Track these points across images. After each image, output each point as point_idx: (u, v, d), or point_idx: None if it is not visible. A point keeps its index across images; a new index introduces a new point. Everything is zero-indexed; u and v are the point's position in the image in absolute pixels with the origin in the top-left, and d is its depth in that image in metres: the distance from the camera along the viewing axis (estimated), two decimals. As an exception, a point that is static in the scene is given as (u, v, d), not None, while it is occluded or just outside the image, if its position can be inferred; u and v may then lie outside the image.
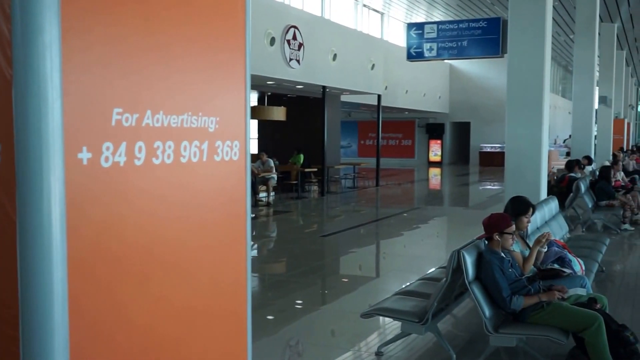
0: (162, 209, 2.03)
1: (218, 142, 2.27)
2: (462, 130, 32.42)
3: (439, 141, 32.39)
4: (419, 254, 9.71)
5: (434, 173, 27.82)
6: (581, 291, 4.35)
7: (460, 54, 10.92)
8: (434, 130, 32.36)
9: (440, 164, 32.00)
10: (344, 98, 20.73)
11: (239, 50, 2.37)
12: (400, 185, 22.23)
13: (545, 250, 5.11)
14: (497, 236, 4.50)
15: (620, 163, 15.67)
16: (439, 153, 32.38)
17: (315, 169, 17.50)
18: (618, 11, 21.25)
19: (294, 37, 14.63)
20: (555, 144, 31.54)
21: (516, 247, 4.96)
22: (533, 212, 5.35)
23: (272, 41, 13.85)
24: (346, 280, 8.16)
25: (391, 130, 32.58)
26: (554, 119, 36.16)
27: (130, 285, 1.92)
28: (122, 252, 1.88)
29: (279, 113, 16.86)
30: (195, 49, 2.14)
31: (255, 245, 10.69)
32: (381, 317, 5.38)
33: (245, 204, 2.47)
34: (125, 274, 1.89)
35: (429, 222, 13.34)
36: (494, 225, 4.52)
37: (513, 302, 4.29)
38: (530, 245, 5.17)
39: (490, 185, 21.73)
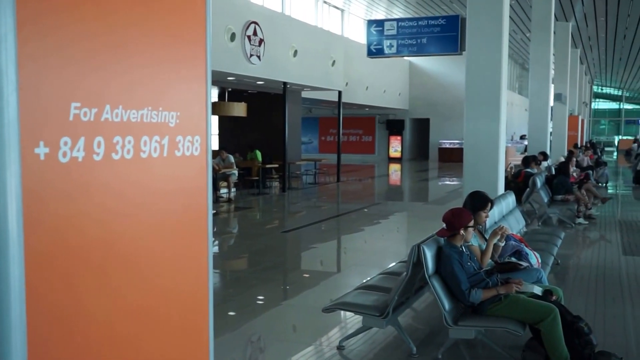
0: (121, 204, 2.00)
1: (179, 137, 2.25)
2: (422, 126, 32.77)
3: (399, 137, 32.66)
4: (380, 248, 9.80)
5: (394, 169, 28.06)
6: (537, 290, 4.44)
7: (419, 51, 11.01)
8: (394, 126, 32.62)
9: (400, 159, 32.29)
10: (305, 94, 20.75)
11: (199, 44, 2.36)
12: (361, 181, 22.36)
13: (503, 244, 5.21)
14: (462, 231, 4.58)
15: (575, 159, 16.08)
16: (399, 149, 32.67)
17: (276, 165, 17.48)
18: (572, 10, 21.74)
19: (255, 33, 14.57)
20: (512, 140, 32.13)
21: (474, 242, 5.05)
22: (491, 207, 5.44)
23: (233, 37, 13.77)
24: (307, 275, 8.18)
25: (352, 127, 32.74)
26: (511, 115, 36.82)
27: (89, 281, 1.89)
28: (81, 247, 1.86)
29: (239, 109, 16.77)
30: (155, 43, 2.12)
31: (217, 242, 10.64)
32: (342, 312, 5.42)
33: (207, 199, 2.45)
34: (84, 269, 1.87)
35: (390, 218, 13.46)
36: (458, 221, 4.59)
37: (472, 295, 4.36)
38: (485, 239, 5.28)
39: (449, 180, 22.02)
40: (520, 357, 4.31)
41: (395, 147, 32.76)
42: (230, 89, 18.39)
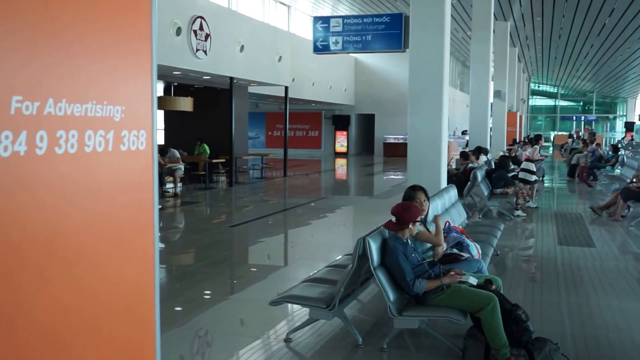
0: (65, 199, 1.98)
1: (124, 131, 2.25)
2: (367, 122, 33.07)
3: (344, 132, 32.87)
4: (326, 242, 9.89)
5: (340, 163, 28.24)
6: (472, 281, 4.59)
7: (364, 47, 11.14)
8: (340, 121, 32.81)
9: (346, 154, 32.51)
10: (252, 89, 20.67)
11: (144, 39, 2.35)
12: (307, 175, 22.44)
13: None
14: (411, 225, 4.69)
15: (514, 152, 16.58)
16: (345, 144, 32.88)
17: (223, 160, 17.37)
18: (511, 10, 22.33)
19: (201, 28, 14.43)
20: (454, 135, 32.77)
21: (420, 229, 5.20)
22: (427, 197, 5.56)
23: (179, 31, 13.61)
24: (255, 269, 8.19)
25: (298, 122, 32.76)
26: (453, 111, 37.51)
27: (29, 279, 1.85)
28: (23, 243, 1.82)
29: (185, 104, 16.59)
30: (100, 37, 2.11)
31: (163, 237, 10.52)
32: (290, 305, 5.47)
33: (153, 194, 2.45)
34: (26, 266, 1.84)
35: (336, 211, 13.57)
36: (409, 215, 4.69)
37: (416, 285, 4.48)
38: (429, 229, 5.43)
39: (393, 175, 22.30)
40: (462, 345, 4.44)
41: (341, 142, 32.96)
42: (176, 84, 18.15)
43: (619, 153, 19.44)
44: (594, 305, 5.96)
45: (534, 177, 12.76)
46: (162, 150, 15.32)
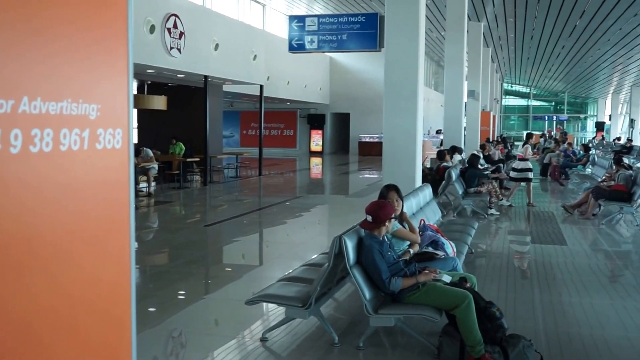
0: (40, 198, 1.96)
1: (100, 130, 2.22)
2: (342, 121, 33.14)
3: (320, 131, 32.90)
4: (302, 241, 9.89)
5: (316, 162, 28.27)
6: (446, 278, 4.64)
7: (340, 47, 11.16)
8: (315, 120, 32.84)
9: (321, 153, 32.55)
10: (226, 88, 20.59)
11: (121, 36, 2.33)
12: (282, 174, 22.43)
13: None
14: (387, 222, 4.71)
15: (488, 151, 16.75)
16: (320, 143, 32.91)
17: (198, 159, 17.28)
18: (484, 11, 22.56)
19: (175, 26, 14.33)
20: (428, 134, 32.99)
21: (397, 227, 5.24)
22: (400, 196, 5.59)
23: (152, 29, 13.50)
24: (230, 269, 8.17)
25: (273, 121, 32.71)
26: (428, 111, 37.76)
27: (7, 277, 1.84)
28: (-2, 242, 1.81)
29: (159, 102, 16.46)
30: (76, 35, 2.09)
31: (136, 236, 10.43)
32: (266, 304, 5.46)
33: (129, 193, 2.43)
34: (2, 265, 1.82)
35: (311, 210, 13.58)
36: (384, 213, 4.72)
37: (392, 284, 4.51)
38: (405, 227, 5.48)
39: (368, 174, 22.39)
40: (437, 343, 4.48)
41: (317, 141, 32.99)
42: (149, 82, 18.01)
43: (590, 152, 19.76)
44: (566, 303, 6.06)
45: (530, 174, 13.00)
46: (136, 150, 15.21)
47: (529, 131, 15.26)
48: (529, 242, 9.26)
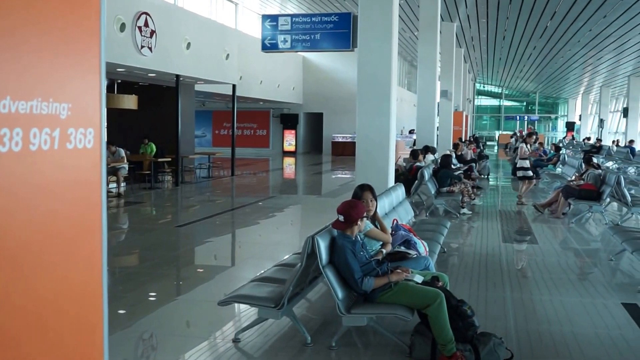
0: (9, 198, 1.93)
1: (70, 129, 2.20)
2: (316, 120, 33.16)
3: (293, 131, 32.87)
4: (275, 241, 9.87)
5: (289, 162, 28.24)
6: (418, 278, 4.68)
7: (313, 46, 11.16)
8: (288, 120, 32.80)
9: (294, 153, 32.53)
10: (198, 87, 20.47)
11: (93, 34, 2.31)
12: (255, 174, 22.37)
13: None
14: (359, 221, 4.73)
15: (460, 151, 16.90)
16: (293, 143, 32.89)
17: (169, 159, 17.15)
18: (457, 11, 22.75)
19: (146, 24, 14.19)
20: (401, 134, 33.19)
21: (369, 227, 5.26)
22: (374, 196, 5.61)
23: (123, 27, 13.35)
24: (202, 270, 8.12)
25: (246, 120, 32.61)
26: (401, 110, 37.95)
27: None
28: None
29: (129, 101, 16.27)
30: (47, 33, 2.06)
31: (107, 238, 10.32)
32: (238, 305, 5.44)
33: (100, 193, 2.41)
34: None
35: (284, 210, 13.57)
36: (355, 213, 4.73)
37: (364, 283, 4.53)
38: (377, 226, 5.50)
39: (341, 173, 22.45)
40: (410, 341, 4.51)
41: (290, 141, 32.96)
42: (120, 81, 17.81)
43: (560, 152, 20.06)
44: (537, 300, 6.14)
45: (530, 173, 13.21)
46: (108, 148, 15.03)
47: (531, 131, 15.22)
48: (501, 241, 9.37)
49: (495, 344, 4.35)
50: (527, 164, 13.38)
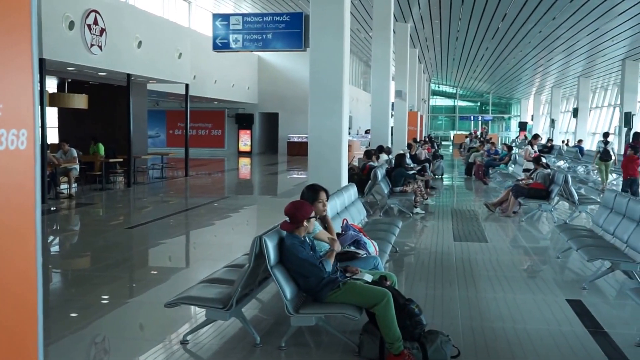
0: None
1: (1, 130, 2.13)
2: (271, 120, 33.06)
3: (248, 131, 32.72)
4: (230, 242, 9.81)
5: (244, 163, 28.10)
6: (367, 277, 4.71)
7: (265, 46, 11.13)
8: (244, 120, 32.63)
9: (250, 153, 32.38)
10: (151, 87, 20.19)
11: (22, 31, 2.24)
12: (210, 175, 22.19)
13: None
14: (305, 222, 4.72)
15: (414, 151, 17.07)
16: (249, 143, 32.73)
17: (121, 160, 16.87)
18: (410, 12, 22.99)
19: (95, 22, 13.92)
20: (357, 134, 33.37)
21: (317, 229, 5.24)
22: (327, 197, 5.60)
23: (71, 25, 13.07)
24: (155, 272, 8.02)
25: (201, 120, 32.31)
26: (357, 111, 38.26)
27: None
28: None
29: (80, 101, 15.97)
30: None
31: (57, 240, 10.12)
32: (191, 307, 5.38)
33: (34, 196, 2.34)
34: None
35: (240, 211, 13.50)
36: (301, 213, 4.72)
37: (325, 265, 4.62)
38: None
39: (297, 174, 22.43)
40: (358, 340, 4.54)
41: (245, 141, 32.79)
42: (70, 80, 17.45)
43: (512, 152, 20.44)
44: (490, 298, 6.23)
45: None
46: (58, 147, 14.78)
47: (536, 133, 15.03)
48: (453, 240, 9.49)
49: (442, 341, 4.41)
50: (532, 166, 13.55)
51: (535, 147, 14.10)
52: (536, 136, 15.22)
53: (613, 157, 17.47)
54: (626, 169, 13.41)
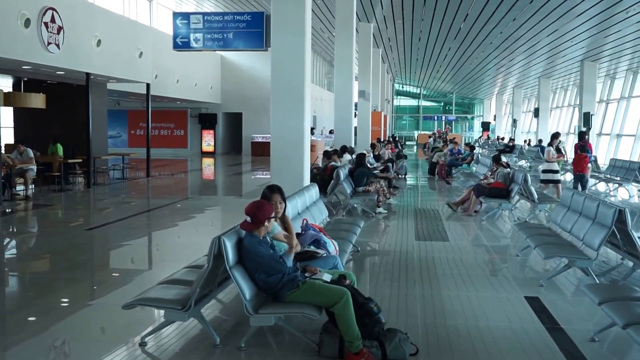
0: None
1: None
2: (235, 120, 32.87)
3: (211, 131, 32.49)
4: (193, 243, 9.70)
5: (207, 163, 27.89)
6: (326, 277, 4.71)
7: (226, 45, 11.07)
8: (207, 120, 32.39)
9: (213, 154, 32.16)
10: (111, 86, 19.89)
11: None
12: (172, 175, 21.97)
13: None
14: (266, 222, 4.69)
15: (377, 151, 17.15)
16: (212, 143, 32.51)
17: (80, 160, 16.58)
18: (373, 12, 23.09)
19: (52, 20, 13.64)
20: (322, 134, 33.41)
21: (276, 230, 5.21)
22: (283, 198, 5.51)
23: (27, 23, 12.78)
24: (117, 274, 7.88)
25: (163, 120, 31.98)
26: (322, 111, 38.35)
27: None
28: None
29: (37, 100, 15.62)
30: None
31: (13, 243, 9.90)
32: (154, 308, 5.30)
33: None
34: None
35: (204, 212, 13.40)
36: (262, 213, 4.69)
37: (286, 260, 4.65)
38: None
39: (261, 174, 22.35)
40: (318, 340, 4.53)
41: (208, 141, 32.55)
42: (26, 79, 17.07)
43: (474, 152, 20.71)
44: (452, 296, 6.27)
45: (557, 176, 13.47)
46: (13, 148, 14.50)
47: (556, 131, 14.78)
48: (414, 239, 9.55)
49: (401, 339, 4.43)
50: (555, 166, 13.59)
51: (554, 147, 13.83)
52: (556, 135, 14.56)
53: (565, 156, 17.73)
54: (576, 165, 13.77)
